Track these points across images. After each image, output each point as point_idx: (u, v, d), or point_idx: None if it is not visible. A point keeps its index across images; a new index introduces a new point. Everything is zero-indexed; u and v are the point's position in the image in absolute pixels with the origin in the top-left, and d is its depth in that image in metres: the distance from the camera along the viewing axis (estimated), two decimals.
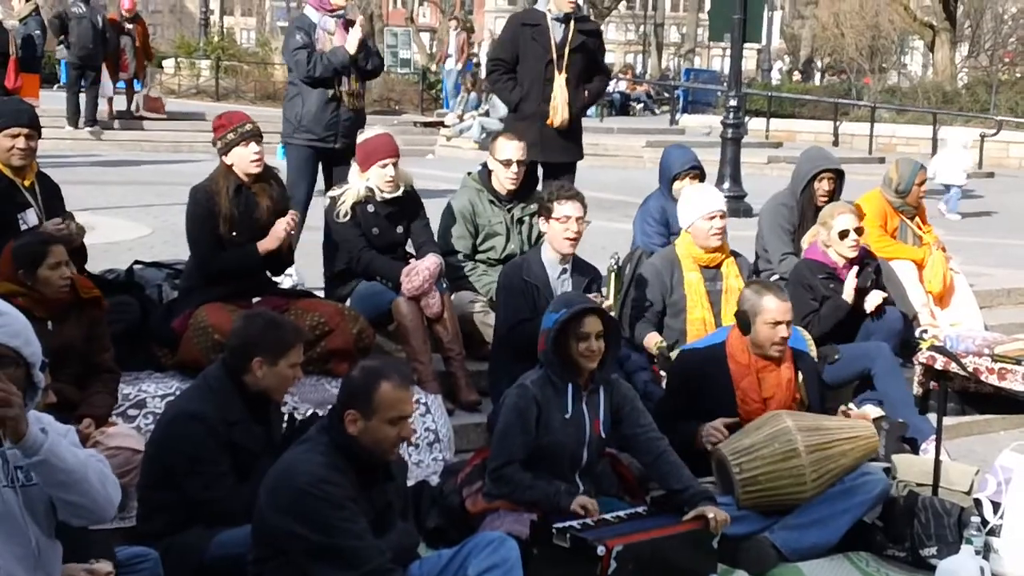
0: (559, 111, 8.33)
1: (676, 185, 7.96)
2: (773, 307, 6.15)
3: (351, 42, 8.23)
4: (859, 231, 7.59)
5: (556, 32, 8.38)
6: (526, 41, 8.43)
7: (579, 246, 6.79)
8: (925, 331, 8.10)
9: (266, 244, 6.56)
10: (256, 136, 6.54)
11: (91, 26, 17.79)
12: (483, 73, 21.62)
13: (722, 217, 7.25)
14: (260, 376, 4.92)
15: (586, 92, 8.60)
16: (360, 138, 7.35)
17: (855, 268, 7.55)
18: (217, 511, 4.79)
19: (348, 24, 8.51)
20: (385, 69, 32.28)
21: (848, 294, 7.46)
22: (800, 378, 6.33)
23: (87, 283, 5.80)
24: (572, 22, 8.42)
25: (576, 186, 7.06)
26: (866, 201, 8.68)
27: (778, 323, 6.15)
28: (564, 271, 6.75)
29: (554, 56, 8.33)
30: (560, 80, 8.34)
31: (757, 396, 6.19)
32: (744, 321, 6.24)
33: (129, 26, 19.99)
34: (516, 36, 8.53)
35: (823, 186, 8.36)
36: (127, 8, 20.05)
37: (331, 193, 7.25)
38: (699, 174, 8.07)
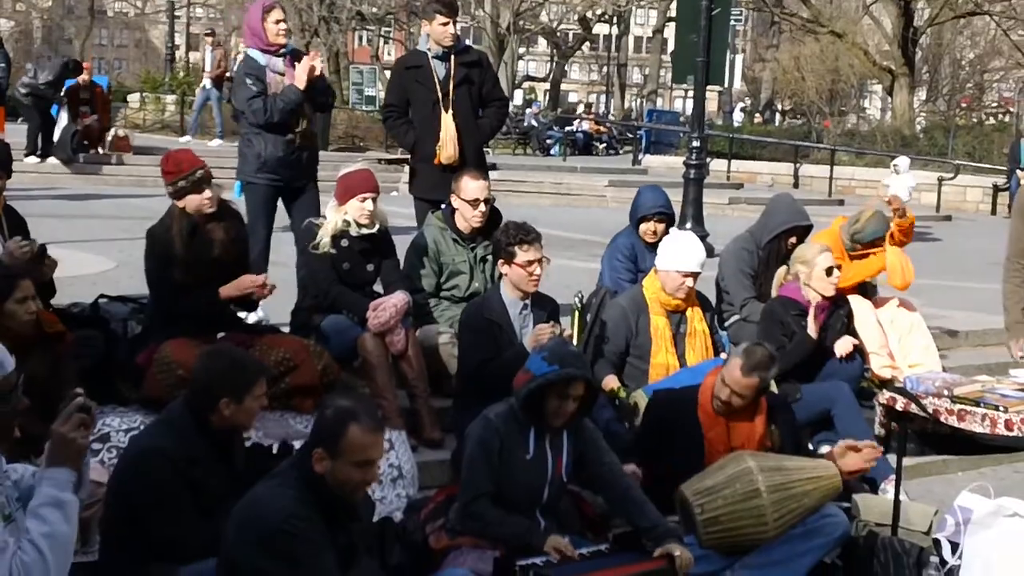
0: (445, 148, 8.35)
1: (643, 227, 8.02)
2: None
3: (299, 77, 8.19)
4: (839, 267, 7.79)
5: (439, 70, 8.41)
6: (411, 84, 8.48)
7: (542, 285, 6.83)
8: (868, 369, 8.18)
9: (228, 291, 6.57)
10: (207, 180, 6.52)
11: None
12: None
13: (694, 277, 7.31)
14: (228, 415, 4.89)
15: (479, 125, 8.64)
16: (341, 172, 7.33)
17: (814, 311, 7.62)
18: (180, 547, 4.74)
19: (295, 59, 8.30)
20: (351, 106, 32.30)
21: (812, 331, 7.52)
22: (774, 425, 6.32)
23: (52, 318, 5.79)
24: (453, 57, 8.45)
25: (538, 225, 7.07)
26: (823, 237, 8.80)
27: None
28: (525, 307, 6.79)
29: (439, 95, 8.38)
30: (447, 118, 8.36)
31: (724, 447, 6.14)
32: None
33: (86, 95, 20.47)
34: (402, 80, 8.60)
35: (793, 241, 8.39)
36: (83, 78, 20.65)
37: (314, 220, 7.24)
38: (666, 219, 8.09)
